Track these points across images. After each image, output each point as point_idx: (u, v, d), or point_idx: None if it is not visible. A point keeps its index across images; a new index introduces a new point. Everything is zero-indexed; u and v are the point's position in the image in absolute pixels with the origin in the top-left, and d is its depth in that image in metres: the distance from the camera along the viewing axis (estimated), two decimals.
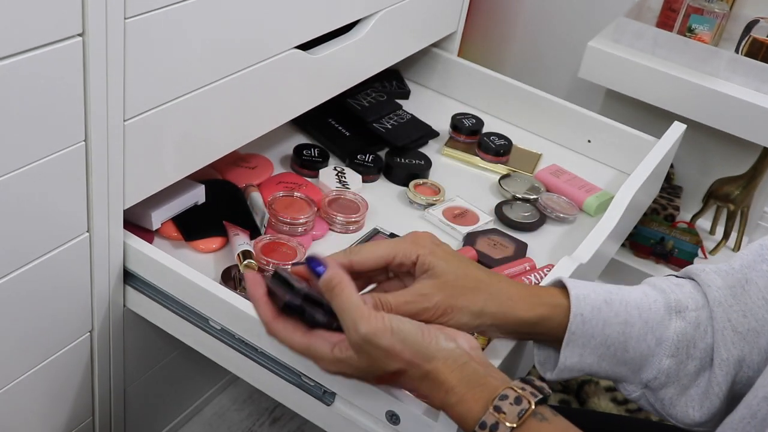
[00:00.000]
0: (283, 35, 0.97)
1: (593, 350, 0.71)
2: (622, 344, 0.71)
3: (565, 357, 0.71)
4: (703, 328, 0.70)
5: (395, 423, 0.75)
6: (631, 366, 0.72)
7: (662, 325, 0.71)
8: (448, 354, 0.64)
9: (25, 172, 0.71)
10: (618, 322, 0.71)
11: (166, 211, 0.95)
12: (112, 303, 0.89)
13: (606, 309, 0.71)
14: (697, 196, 1.65)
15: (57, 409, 0.91)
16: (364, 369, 0.66)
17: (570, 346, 0.71)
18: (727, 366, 0.69)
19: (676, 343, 0.71)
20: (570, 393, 1.25)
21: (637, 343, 0.71)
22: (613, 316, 0.71)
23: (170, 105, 0.84)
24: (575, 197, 1.18)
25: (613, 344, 0.71)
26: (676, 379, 0.71)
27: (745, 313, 0.69)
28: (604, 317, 0.71)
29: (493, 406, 0.60)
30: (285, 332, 0.68)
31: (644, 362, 0.72)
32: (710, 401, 0.70)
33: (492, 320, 0.71)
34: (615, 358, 0.72)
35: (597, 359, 0.72)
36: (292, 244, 0.99)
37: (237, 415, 1.28)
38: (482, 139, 1.26)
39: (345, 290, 0.65)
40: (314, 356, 0.67)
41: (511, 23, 1.68)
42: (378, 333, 0.63)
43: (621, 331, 0.71)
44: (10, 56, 0.65)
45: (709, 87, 1.32)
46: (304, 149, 1.17)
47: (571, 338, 0.71)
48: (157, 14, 0.77)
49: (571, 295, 0.71)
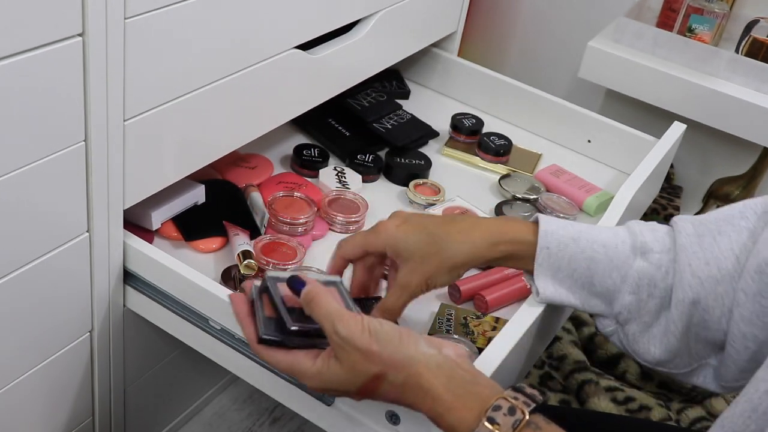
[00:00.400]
0: (283, 35, 0.97)
1: (562, 282, 0.77)
2: (589, 279, 0.77)
3: (541, 288, 0.78)
4: (665, 270, 0.75)
5: (395, 423, 0.75)
6: (602, 299, 0.77)
7: (626, 263, 0.76)
8: (430, 359, 0.64)
9: (25, 172, 0.71)
10: (584, 258, 0.76)
11: (166, 211, 0.95)
12: (112, 303, 0.89)
13: (573, 245, 0.77)
14: (697, 196, 1.65)
15: (57, 409, 0.91)
16: (345, 378, 0.66)
17: (541, 277, 0.77)
18: (682, 306, 0.74)
19: (637, 281, 0.76)
20: (570, 393, 1.25)
21: (602, 279, 0.76)
22: (579, 252, 0.76)
23: (170, 105, 0.84)
24: (575, 197, 1.18)
25: (580, 278, 0.77)
26: (638, 315, 0.77)
27: (708, 261, 0.73)
28: (571, 252, 0.76)
29: (487, 418, 0.60)
30: (268, 353, 0.70)
31: (612, 297, 0.77)
32: (668, 339, 0.76)
33: (465, 267, 0.78)
34: (585, 290, 0.77)
35: (568, 291, 0.78)
36: (292, 244, 0.99)
37: (237, 415, 1.28)
38: (482, 139, 1.26)
39: (322, 300, 0.67)
40: (298, 372, 0.68)
41: (511, 23, 1.68)
42: (356, 333, 0.64)
43: (587, 266, 0.76)
44: (10, 56, 0.65)
45: (709, 87, 1.32)
46: (304, 149, 1.17)
47: (539, 270, 0.77)
48: (157, 14, 0.77)
49: (540, 230, 0.77)
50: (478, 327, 0.92)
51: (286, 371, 0.69)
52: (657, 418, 1.20)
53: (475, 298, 0.96)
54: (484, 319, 0.93)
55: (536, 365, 1.28)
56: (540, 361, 1.28)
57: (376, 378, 0.65)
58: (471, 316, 0.93)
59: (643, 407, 1.22)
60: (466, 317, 0.93)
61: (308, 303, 0.68)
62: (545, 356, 1.29)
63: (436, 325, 0.91)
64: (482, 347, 0.85)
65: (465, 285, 0.96)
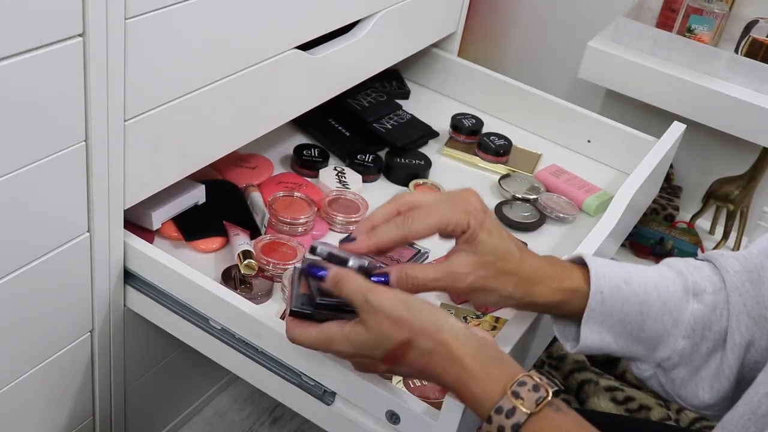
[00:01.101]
0: (283, 35, 0.97)
1: (611, 328, 0.73)
2: (639, 323, 0.72)
3: (586, 335, 0.73)
4: (719, 312, 0.71)
5: (395, 423, 0.75)
6: (646, 345, 0.73)
7: (679, 306, 0.72)
8: (458, 330, 0.65)
9: (25, 172, 0.71)
10: (636, 302, 0.72)
11: (167, 211, 0.95)
12: (112, 303, 0.89)
13: (625, 288, 0.72)
14: (697, 196, 1.65)
15: (57, 409, 0.91)
16: (374, 343, 0.66)
17: (589, 323, 0.72)
18: (739, 350, 0.70)
19: (692, 325, 0.72)
20: (570, 393, 1.25)
21: (654, 323, 0.72)
22: (632, 295, 0.72)
23: (170, 105, 0.84)
24: (575, 197, 1.18)
25: (630, 323, 0.72)
26: (689, 360, 0.73)
27: (758, 299, 0.70)
28: (624, 296, 0.72)
29: (512, 391, 0.61)
30: (299, 327, 0.70)
31: (660, 342, 0.73)
32: (720, 383, 0.71)
33: (515, 303, 0.73)
34: (632, 336, 0.73)
35: (615, 337, 0.73)
36: (292, 244, 0.99)
37: (237, 415, 1.28)
38: (482, 139, 1.26)
39: (350, 278, 0.68)
40: (327, 338, 0.68)
41: (511, 23, 1.68)
42: (387, 301, 0.65)
43: (639, 310, 0.72)
44: (10, 56, 0.65)
45: (709, 87, 1.32)
46: (304, 149, 1.17)
47: (591, 315, 0.72)
48: (157, 14, 0.77)
49: (592, 274, 0.72)
50: (478, 327, 0.92)
51: (316, 341, 0.69)
52: (656, 417, 1.20)
53: None
54: (484, 319, 0.93)
55: (536, 365, 1.28)
56: (540, 361, 1.28)
57: (404, 345, 0.65)
58: (471, 316, 0.93)
59: (642, 407, 1.22)
60: (466, 317, 0.93)
61: (336, 284, 0.68)
62: (545, 356, 1.29)
63: None
64: None
65: None
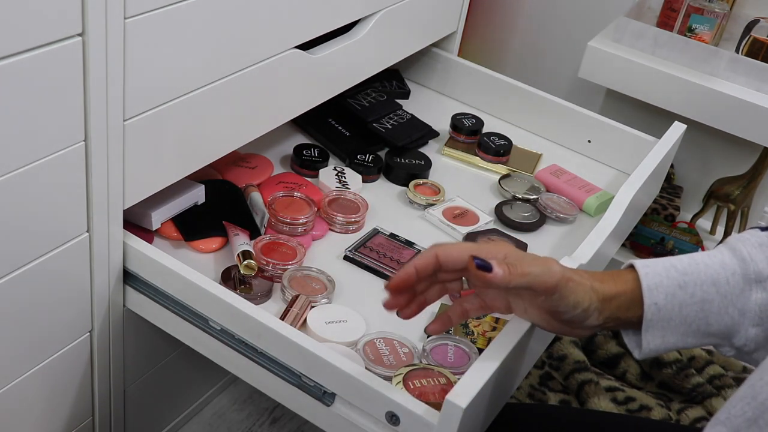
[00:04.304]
0: (283, 35, 0.96)
1: (674, 330, 0.73)
2: (704, 320, 0.72)
3: (648, 341, 0.73)
4: None
5: (395, 423, 0.75)
6: (719, 336, 0.73)
7: (742, 297, 0.71)
8: None
9: (25, 172, 0.71)
10: (695, 302, 0.72)
11: (166, 211, 0.95)
12: (112, 303, 0.89)
13: (680, 293, 0.72)
14: (698, 196, 1.65)
15: (57, 409, 0.91)
16: None
17: (650, 331, 0.72)
18: None
19: (758, 314, 0.71)
20: (570, 393, 1.25)
21: (719, 317, 0.72)
22: (688, 297, 0.72)
23: (170, 105, 0.84)
24: (575, 197, 1.18)
25: (693, 322, 0.72)
26: (766, 344, 0.72)
27: None
28: (680, 301, 0.72)
29: None
30: None
31: (732, 332, 0.72)
32: None
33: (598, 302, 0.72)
34: (699, 332, 0.73)
35: (681, 337, 0.73)
36: (292, 244, 0.99)
37: (237, 415, 1.28)
38: (482, 139, 1.26)
39: None
40: None
41: (511, 23, 1.68)
42: None
43: (699, 309, 0.72)
44: (10, 56, 0.65)
45: (709, 87, 1.32)
46: (304, 149, 1.17)
47: (649, 325, 0.72)
48: (157, 14, 0.77)
49: (643, 287, 0.72)
50: (478, 327, 0.92)
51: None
52: (657, 418, 1.20)
53: None
54: (484, 319, 0.93)
55: (536, 365, 1.28)
56: (540, 361, 1.28)
57: None
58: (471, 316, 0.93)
59: (643, 407, 1.22)
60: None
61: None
62: (545, 356, 1.29)
63: None
64: (482, 347, 0.85)
65: None
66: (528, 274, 0.70)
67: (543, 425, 0.85)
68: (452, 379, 0.82)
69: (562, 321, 0.73)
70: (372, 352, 0.86)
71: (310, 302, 0.91)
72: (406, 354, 0.87)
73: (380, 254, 1.01)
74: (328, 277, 0.96)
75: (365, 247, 1.02)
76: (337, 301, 0.94)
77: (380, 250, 1.02)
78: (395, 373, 0.82)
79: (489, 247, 0.73)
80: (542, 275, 0.70)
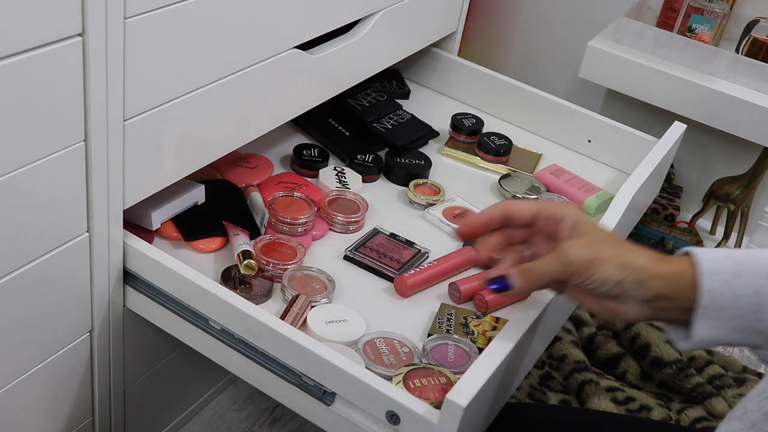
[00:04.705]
0: (283, 35, 0.97)
1: (726, 322, 0.72)
2: (754, 314, 0.71)
3: (699, 331, 0.72)
4: None
5: (395, 423, 0.75)
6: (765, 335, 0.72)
7: None
8: None
9: (25, 172, 0.71)
10: (749, 294, 0.71)
11: (166, 211, 0.95)
12: (111, 303, 0.89)
13: (735, 282, 0.71)
14: (698, 196, 1.65)
15: (57, 409, 0.91)
16: None
17: (703, 319, 0.71)
18: None
19: None
20: (570, 393, 1.25)
21: None
22: (742, 288, 0.71)
23: (170, 105, 0.84)
24: (575, 197, 1.18)
25: (745, 315, 0.71)
26: None
27: None
28: (734, 290, 0.71)
29: None
30: None
31: None
32: None
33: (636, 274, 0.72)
34: (749, 328, 0.72)
35: (731, 330, 0.72)
36: (292, 244, 0.99)
37: (237, 416, 1.28)
38: (482, 139, 1.26)
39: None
40: None
41: (511, 23, 1.68)
42: None
43: (752, 301, 0.71)
44: (10, 56, 0.65)
45: (709, 87, 1.32)
46: (304, 149, 1.17)
47: (704, 312, 0.71)
48: (157, 14, 0.77)
49: (702, 270, 0.71)
50: (478, 327, 0.92)
51: None
52: (657, 418, 1.20)
53: (475, 298, 0.96)
54: (484, 319, 0.93)
55: (536, 365, 1.28)
56: (540, 361, 1.28)
57: None
58: (471, 316, 0.93)
59: (643, 407, 1.22)
60: (466, 317, 0.93)
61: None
62: (545, 356, 1.29)
63: (437, 325, 0.91)
64: (482, 347, 0.85)
65: (465, 285, 0.96)
66: (544, 275, 0.72)
67: (543, 425, 0.85)
68: (452, 378, 0.82)
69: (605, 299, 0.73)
70: (372, 352, 0.86)
71: (310, 302, 0.91)
72: (407, 353, 0.87)
73: (380, 254, 1.01)
74: (328, 276, 0.96)
75: (365, 246, 1.02)
76: (338, 300, 0.94)
77: (380, 250, 1.02)
78: (395, 373, 0.82)
79: (554, 206, 0.76)
80: (560, 267, 0.72)
